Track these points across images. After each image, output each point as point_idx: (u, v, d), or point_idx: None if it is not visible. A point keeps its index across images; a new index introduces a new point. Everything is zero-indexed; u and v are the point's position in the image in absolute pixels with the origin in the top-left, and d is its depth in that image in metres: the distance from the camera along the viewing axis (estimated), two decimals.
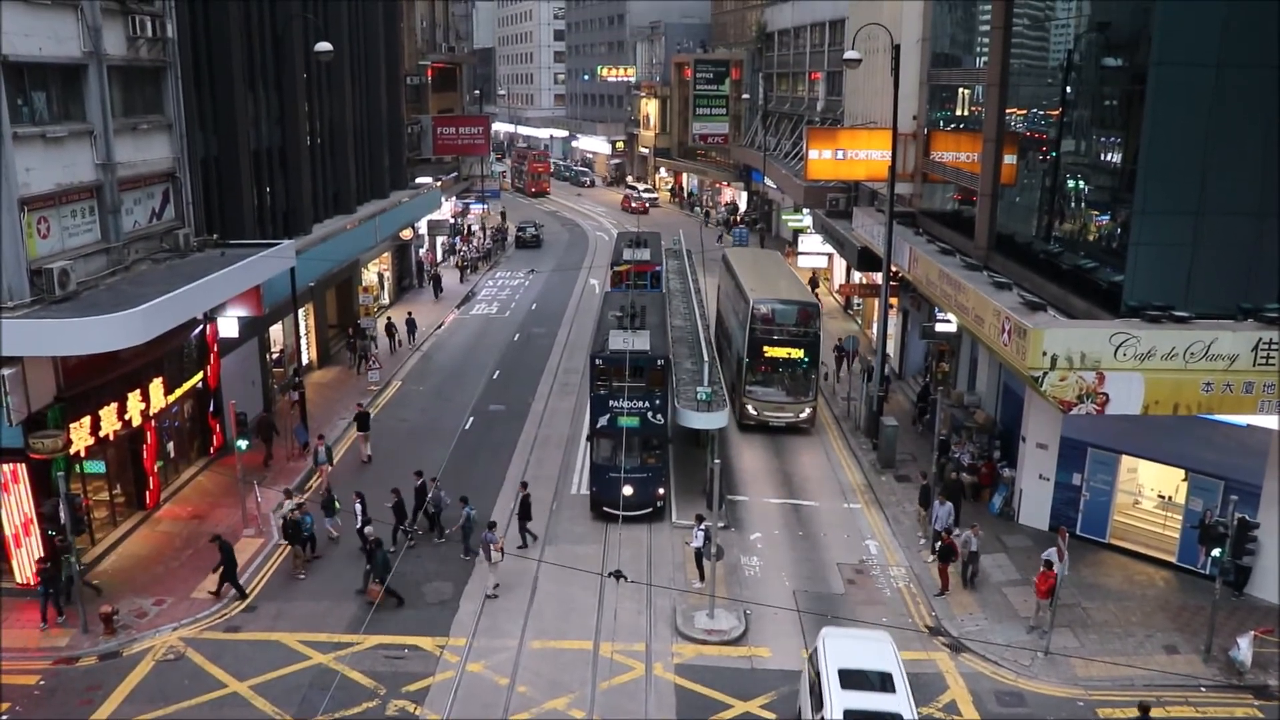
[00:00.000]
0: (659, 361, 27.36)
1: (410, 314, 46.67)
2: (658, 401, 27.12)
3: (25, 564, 22.93)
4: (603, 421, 27.12)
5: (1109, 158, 24.35)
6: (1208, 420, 22.79)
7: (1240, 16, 20.86)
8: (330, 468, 30.21)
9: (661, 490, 27.76)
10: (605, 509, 27.02)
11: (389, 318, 46.06)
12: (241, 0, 32.05)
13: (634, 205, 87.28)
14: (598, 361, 27.20)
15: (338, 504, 26.60)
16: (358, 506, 25.45)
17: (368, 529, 24.14)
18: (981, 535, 24.65)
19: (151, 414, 26.36)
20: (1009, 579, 24.46)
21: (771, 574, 25.13)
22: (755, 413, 33.90)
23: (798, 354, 33.49)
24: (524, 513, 26.72)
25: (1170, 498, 25.52)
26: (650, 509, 27.61)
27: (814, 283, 52.00)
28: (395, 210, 47.78)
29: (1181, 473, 24.63)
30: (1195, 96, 21.26)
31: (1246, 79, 21.08)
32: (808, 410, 34.07)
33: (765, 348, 33.38)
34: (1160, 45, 21.15)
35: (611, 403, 26.98)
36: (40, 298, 21.81)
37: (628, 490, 26.67)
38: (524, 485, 27.58)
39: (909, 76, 36.22)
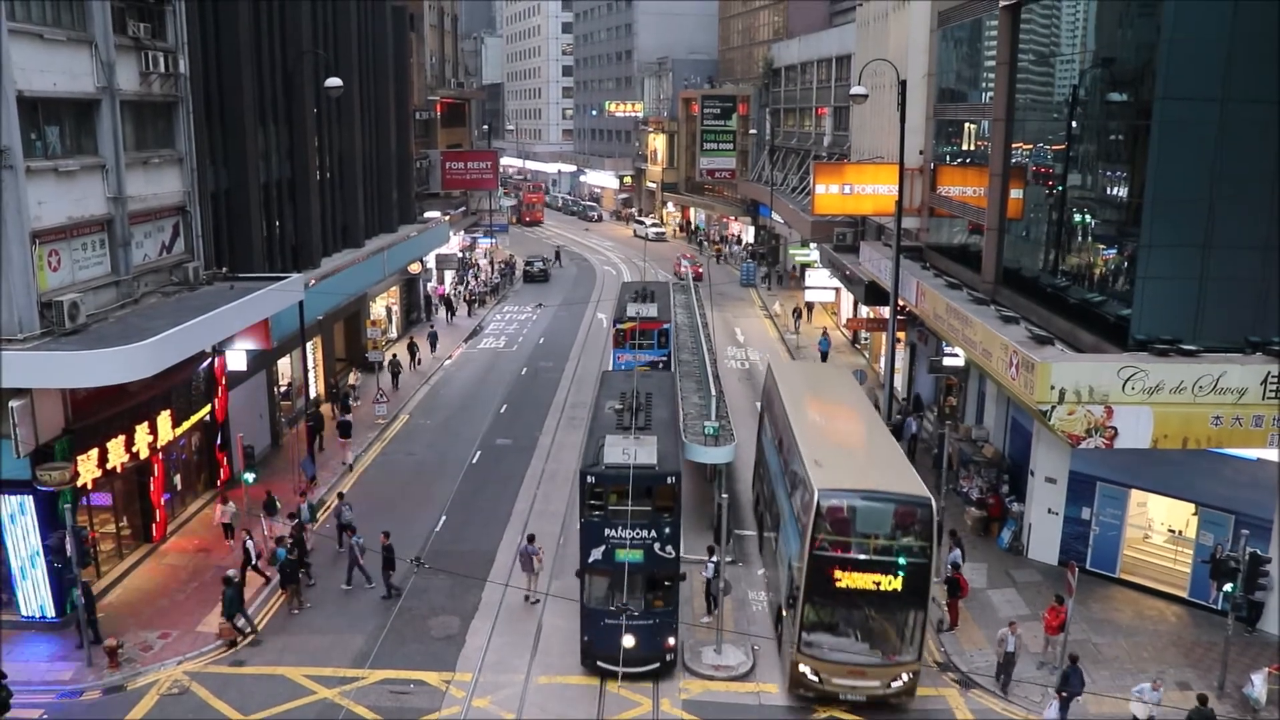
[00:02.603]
0: (669, 478, 21.15)
1: (412, 341, 47.25)
2: (667, 530, 21.10)
3: (30, 596, 22.90)
4: (597, 555, 21.16)
5: (1115, 192, 24.41)
6: (1217, 454, 22.68)
7: (1244, 52, 21.01)
8: (313, 527, 28.01)
9: (671, 640, 21.64)
10: (600, 663, 21.50)
11: (399, 348, 46.14)
12: (253, 36, 32.35)
13: (683, 270, 68.72)
14: (590, 479, 21.09)
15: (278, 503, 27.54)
16: (345, 511, 26.37)
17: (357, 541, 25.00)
18: (1020, 634, 21.82)
19: (159, 446, 26.37)
20: (1018, 614, 24.26)
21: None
22: (817, 678, 20.49)
23: (892, 584, 19.81)
24: (387, 563, 24.88)
25: (1181, 532, 25.36)
26: (658, 663, 21.66)
27: (798, 312, 51.93)
28: (403, 244, 47.98)
29: (1192, 507, 24.48)
30: (1200, 131, 21.37)
31: (1251, 114, 21.20)
32: (904, 677, 20.41)
33: (837, 573, 19.84)
34: (1165, 80, 21.28)
35: (608, 531, 21.06)
36: (50, 330, 21.89)
37: (629, 641, 21.03)
38: (385, 535, 25.27)
39: (915, 111, 36.41)
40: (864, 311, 44.20)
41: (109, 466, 23.93)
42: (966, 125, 34.69)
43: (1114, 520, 25.60)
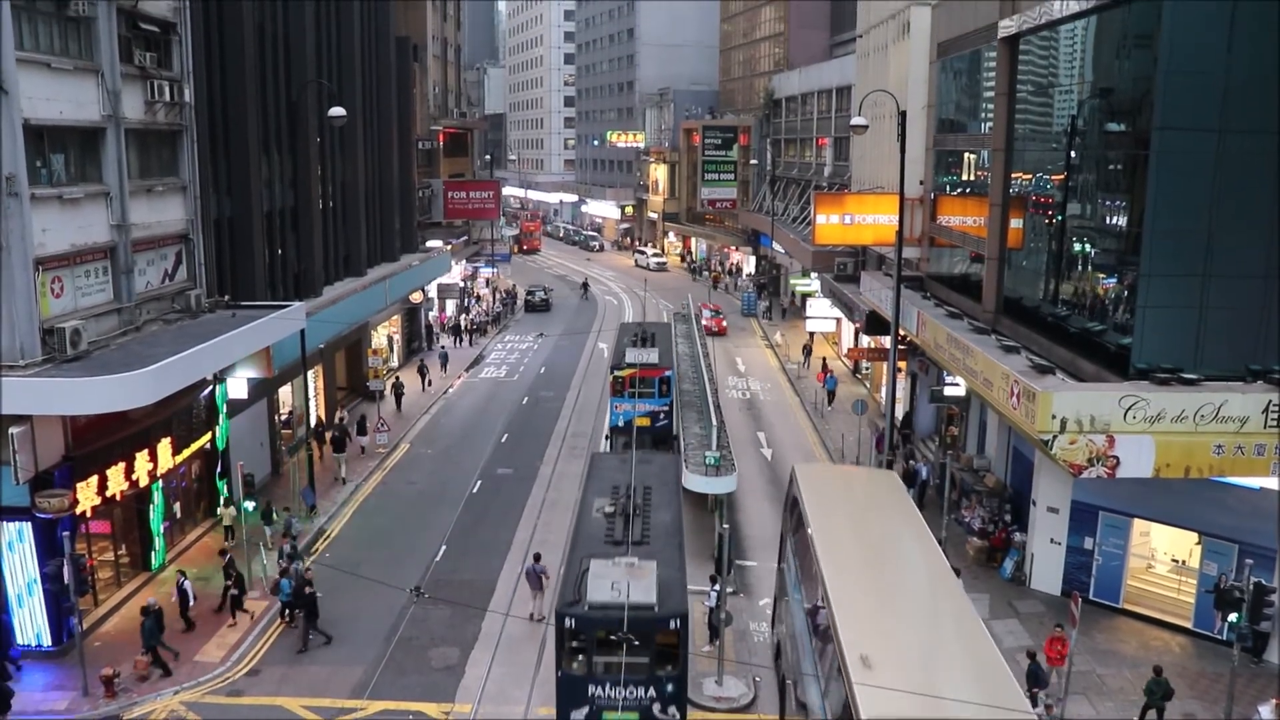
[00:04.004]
0: (673, 622, 16.98)
1: (422, 363, 47.19)
2: (669, 688, 17.27)
3: (27, 625, 22.79)
4: (579, 719, 17.45)
5: (1115, 221, 24.49)
6: (1220, 483, 22.63)
7: (1240, 84, 21.13)
8: (303, 567, 26.62)
9: None
10: None
11: (405, 373, 46.16)
12: (258, 66, 32.58)
13: (705, 321, 58.84)
14: (570, 623, 17.08)
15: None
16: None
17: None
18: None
19: (159, 474, 26.33)
20: (1021, 645, 24.10)
21: None
22: None
23: None
24: (311, 612, 23.97)
25: (1184, 562, 25.23)
26: None
27: (807, 349, 51.88)
28: (405, 273, 48.10)
29: (1195, 536, 24.38)
30: (1199, 161, 21.45)
31: (1248, 144, 21.30)
32: None
33: None
34: (1162, 111, 21.39)
35: (594, 690, 17.25)
36: (51, 357, 21.92)
37: None
38: (309, 583, 24.20)
39: (915, 142, 36.60)
40: (865, 341, 44.25)
41: (108, 494, 23.87)
42: (966, 155, 34.85)
43: (1117, 550, 25.50)
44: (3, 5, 20.47)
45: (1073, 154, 26.25)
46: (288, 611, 24.83)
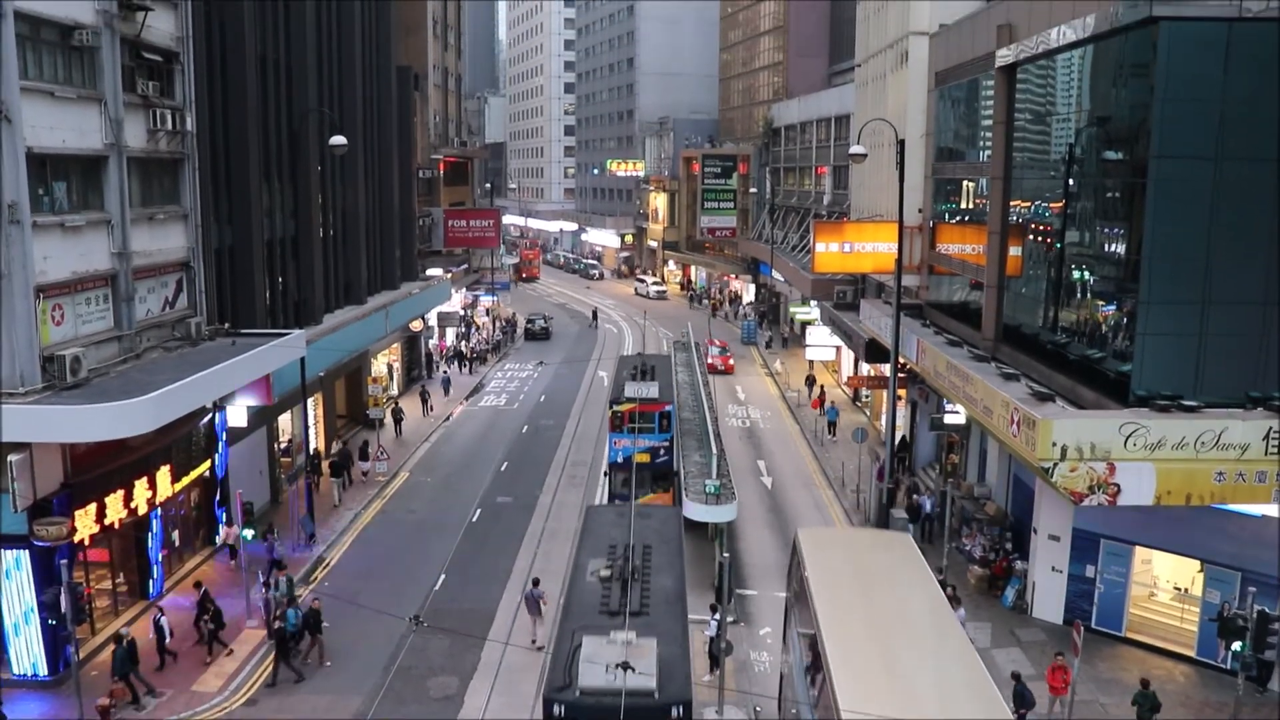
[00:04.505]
0: (674, 710, 15.14)
1: (424, 389, 47.09)
2: None
3: (23, 654, 22.66)
4: None
5: (1113, 248, 24.55)
6: (1222, 510, 22.58)
7: (1235, 112, 21.25)
8: (281, 596, 26.34)
9: None
10: None
11: (407, 401, 46.15)
12: (260, 95, 32.77)
13: (711, 359, 56.45)
14: (558, 710, 15.20)
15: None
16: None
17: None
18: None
19: (158, 502, 26.25)
20: (1024, 674, 23.97)
21: None
22: None
23: None
24: (283, 652, 23.60)
25: (1187, 590, 25.14)
26: None
27: (810, 380, 51.77)
28: (405, 301, 48.15)
29: (1197, 564, 24.30)
30: (1196, 188, 21.55)
31: (1245, 172, 21.40)
32: None
33: None
34: (1159, 139, 21.49)
35: None
36: (51, 384, 21.91)
37: None
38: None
39: (914, 170, 36.76)
40: (865, 369, 44.27)
41: (107, 522, 23.79)
42: (965, 183, 34.99)
43: (1119, 578, 25.41)
44: (7, 35, 20.60)
45: (1071, 182, 26.35)
46: (294, 641, 24.70)
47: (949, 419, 33.00)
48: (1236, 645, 20.73)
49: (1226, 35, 20.99)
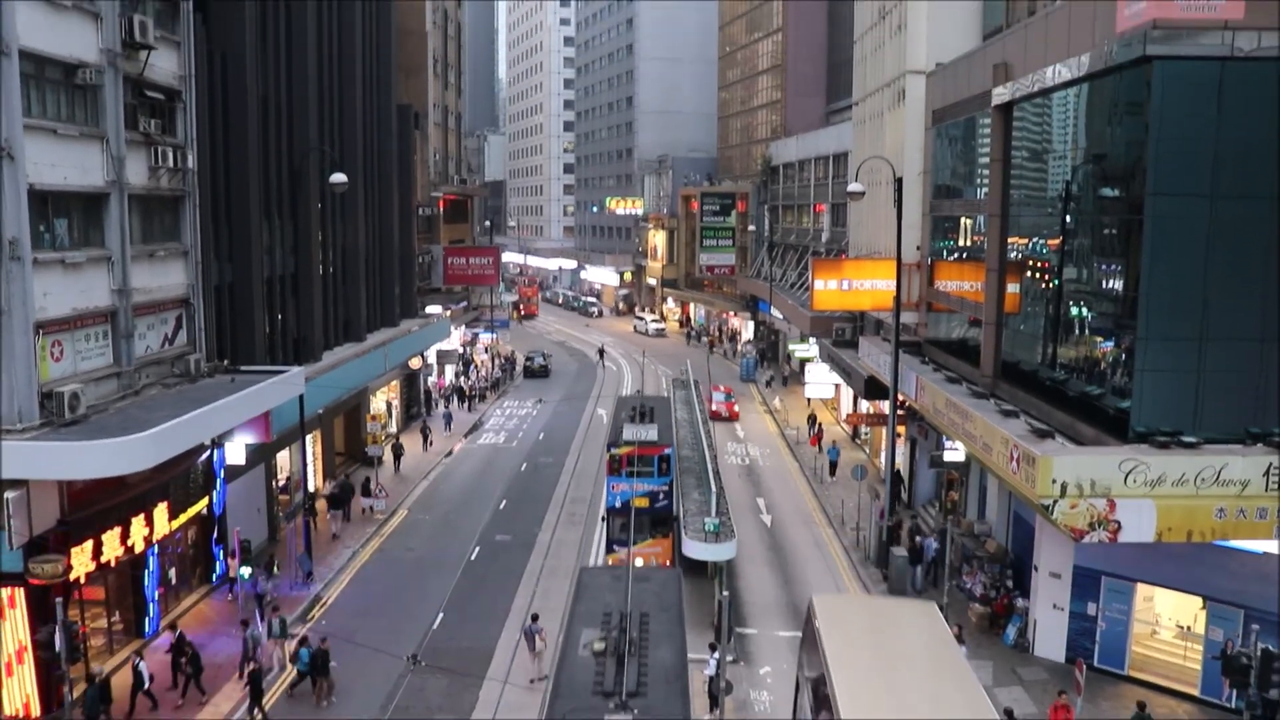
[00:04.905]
0: None
1: (425, 424, 46.95)
2: None
3: (15, 694, 22.46)
4: None
5: (1111, 285, 24.62)
6: (1223, 547, 22.48)
7: (1229, 150, 21.39)
8: (281, 643, 26.29)
9: None
10: None
11: (406, 438, 46.09)
12: (261, 133, 32.97)
13: (714, 405, 54.93)
14: None
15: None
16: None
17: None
18: None
19: (155, 539, 26.14)
20: (1026, 714, 23.77)
21: (783, 709, 24.42)
22: None
23: None
24: (255, 692, 23.44)
25: (1189, 627, 24.98)
26: None
27: (812, 419, 51.60)
28: (405, 339, 48.22)
29: (1199, 601, 24.16)
30: (1192, 225, 21.65)
31: (1241, 209, 21.51)
32: None
33: None
34: (1155, 177, 21.61)
35: None
36: (49, 421, 21.86)
37: None
38: (254, 667, 23.80)
39: (911, 207, 36.93)
40: (864, 406, 44.24)
41: (103, 559, 23.67)
42: (962, 221, 35.15)
43: (1121, 616, 25.26)
44: (11, 74, 20.76)
45: (1068, 219, 26.48)
46: (306, 680, 24.53)
47: (948, 456, 32.94)
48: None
49: (1219, 74, 21.17)
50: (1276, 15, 20.81)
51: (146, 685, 23.65)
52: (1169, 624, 25.64)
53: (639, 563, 29.24)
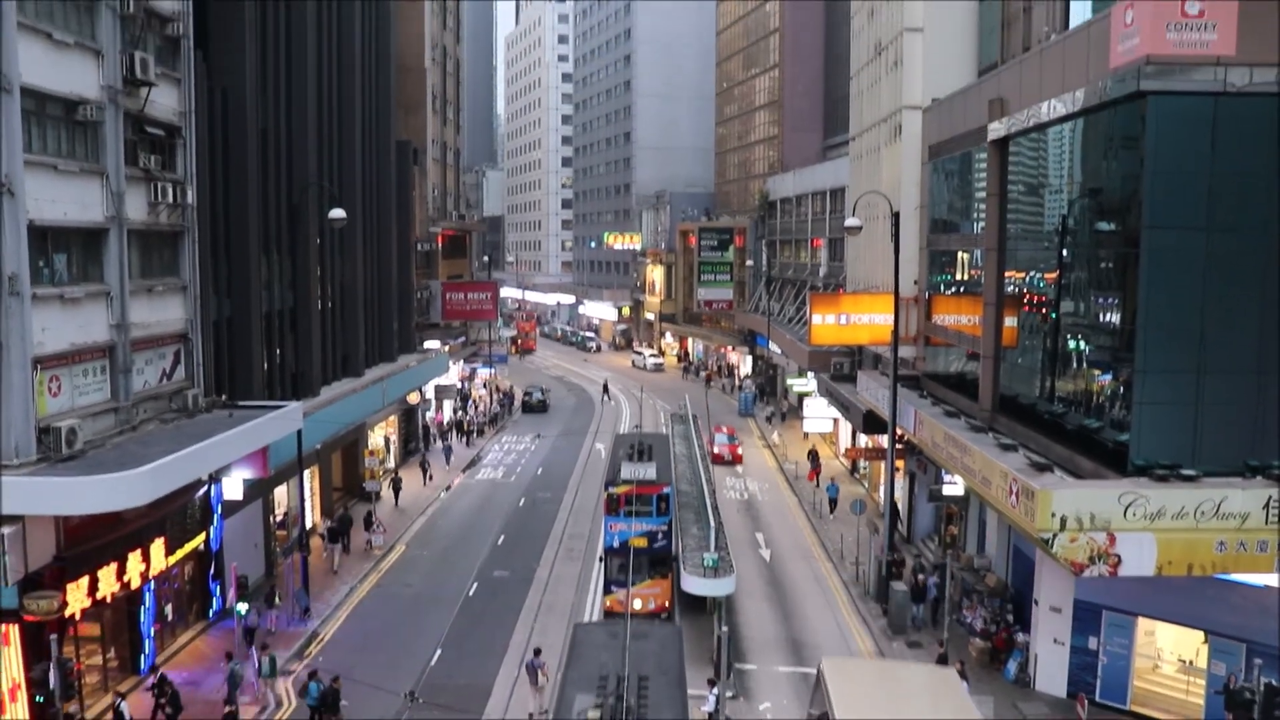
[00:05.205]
0: None
1: (424, 458, 46.91)
2: None
3: None
4: None
5: (1108, 318, 24.67)
6: (1225, 580, 22.39)
7: (1223, 184, 21.52)
8: (271, 683, 25.97)
9: None
10: None
11: (406, 472, 45.99)
12: (260, 168, 33.13)
13: (716, 449, 53.42)
14: None
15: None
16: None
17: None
18: None
19: (151, 575, 26.00)
20: None
21: None
22: None
23: None
24: None
25: (1191, 661, 24.83)
26: None
27: (813, 455, 51.37)
28: (403, 374, 48.22)
29: (1201, 635, 24.03)
30: (1188, 258, 21.72)
31: (1236, 242, 21.59)
32: None
33: None
34: (1150, 210, 21.71)
35: None
36: (46, 456, 21.81)
37: None
38: (229, 710, 23.51)
39: (909, 242, 37.06)
40: (862, 440, 44.16)
41: (99, 596, 23.54)
42: (959, 255, 35.26)
43: (1122, 650, 25.11)
44: (12, 110, 20.88)
45: (1065, 252, 26.57)
46: (315, 716, 24.28)
47: (947, 490, 32.87)
48: None
49: (1213, 109, 21.33)
50: (1272, 50, 20.99)
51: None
52: (1171, 658, 25.48)
53: (637, 604, 29.06)
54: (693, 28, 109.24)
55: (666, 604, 30.17)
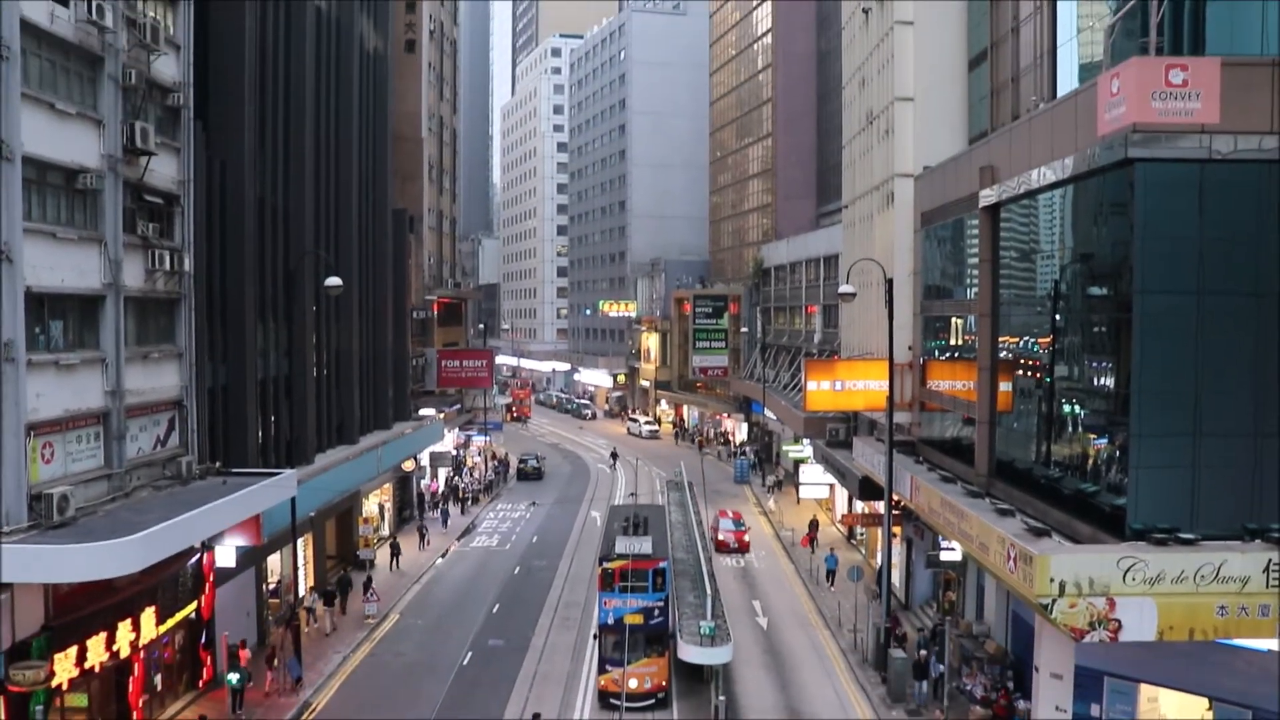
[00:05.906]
0: None
1: (422, 524, 46.64)
2: None
3: None
4: None
5: (1103, 382, 24.71)
6: (1228, 645, 22.14)
7: (1213, 248, 21.70)
8: None
9: None
10: None
11: (403, 538, 45.70)
12: (257, 236, 33.35)
13: (721, 535, 49.42)
14: None
15: None
16: None
17: None
18: None
19: (141, 644, 25.65)
20: None
21: None
22: None
23: None
24: None
25: None
26: None
27: (815, 524, 50.92)
28: (398, 441, 48.08)
29: (1205, 701, 23.66)
30: (1181, 322, 21.82)
31: (1228, 304, 21.72)
32: None
33: None
34: (1142, 275, 21.86)
35: None
36: (37, 523, 21.64)
37: None
38: None
39: (903, 308, 37.25)
40: (859, 507, 43.95)
41: (88, 665, 23.20)
42: (953, 320, 35.42)
43: (1125, 717, 24.72)
44: (13, 179, 21.06)
45: (1058, 317, 26.70)
46: None
47: (945, 556, 32.65)
48: None
49: (1199, 175, 21.59)
50: (1255, 118, 21.31)
51: None
52: None
53: (633, 683, 28.64)
54: (686, 98, 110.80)
55: (663, 683, 29.61)
